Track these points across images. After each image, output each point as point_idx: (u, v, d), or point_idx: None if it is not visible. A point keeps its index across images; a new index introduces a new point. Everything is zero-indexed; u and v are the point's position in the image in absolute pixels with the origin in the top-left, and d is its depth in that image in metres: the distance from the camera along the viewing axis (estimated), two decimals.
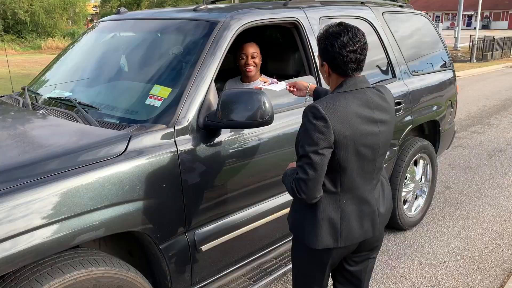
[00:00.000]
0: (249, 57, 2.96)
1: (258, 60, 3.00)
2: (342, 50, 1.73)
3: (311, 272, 2.00)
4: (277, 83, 2.52)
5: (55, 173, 1.77)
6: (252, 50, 2.97)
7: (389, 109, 1.87)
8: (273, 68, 3.39)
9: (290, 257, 2.77)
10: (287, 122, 2.64)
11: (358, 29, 1.78)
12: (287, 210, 2.67)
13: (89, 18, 35.78)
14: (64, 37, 27.07)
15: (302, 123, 1.76)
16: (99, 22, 3.35)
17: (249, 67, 2.97)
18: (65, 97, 2.61)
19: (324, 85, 2.75)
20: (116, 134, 2.06)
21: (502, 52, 21.17)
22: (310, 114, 1.71)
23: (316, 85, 2.47)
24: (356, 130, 1.74)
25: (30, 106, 2.60)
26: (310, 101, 2.36)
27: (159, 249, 2.10)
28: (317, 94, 2.33)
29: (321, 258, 1.92)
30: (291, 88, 2.42)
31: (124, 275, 1.92)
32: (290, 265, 2.75)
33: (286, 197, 2.70)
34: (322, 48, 1.80)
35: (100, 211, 1.85)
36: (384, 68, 3.53)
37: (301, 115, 1.77)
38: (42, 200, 1.70)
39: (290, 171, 1.87)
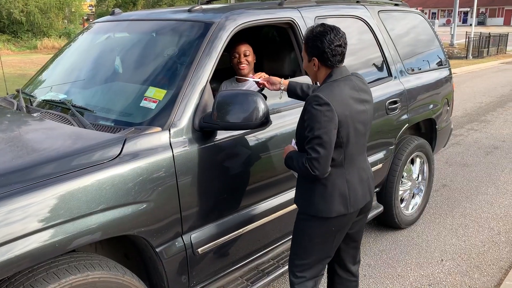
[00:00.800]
0: (242, 55, 2.98)
1: (251, 59, 3.01)
2: (331, 45, 2.05)
3: (321, 242, 2.21)
4: (253, 77, 2.60)
5: (50, 178, 1.76)
6: (244, 48, 2.99)
7: (369, 91, 2.22)
8: (269, 68, 3.37)
9: (288, 257, 2.80)
10: (284, 122, 2.63)
11: (338, 27, 2.12)
12: (284, 211, 2.70)
13: (85, 18, 35.65)
14: (60, 37, 26.96)
15: (307, 111, 2.01)
16: (94, 23, 3.33)
17: (241, 65, 3.00)
18: (60, 100, 2.59)
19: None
20: (110, 137, 2.04)
21: (498, 49, 21.21)
22: (315, 102, 1.98)
23: (290, 81, 2.56)
24: (352, 110, 2.06)
25: (24, 109, 2.59)
26: (284, 95, 2.56)
27: (155, 252, 2.09)
28: (292, 88, 2.50)
29: (333, 226, 2.17)
30: (265, 83, 2.53)
31: (120, 279, 1.91)
32: (287, 266, 2.75)
33: (283, 198, 2.70)
34: (311, 46, 2.09)
35: (96, 215, 1.84)
36: (379, 67, 3.52)
37: (297, 116, 1.93)
38: (37, 204, 1.68)
39: (296, 154, 2.12)
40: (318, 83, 2.23)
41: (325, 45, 2.05)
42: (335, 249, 2.29)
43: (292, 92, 2.49)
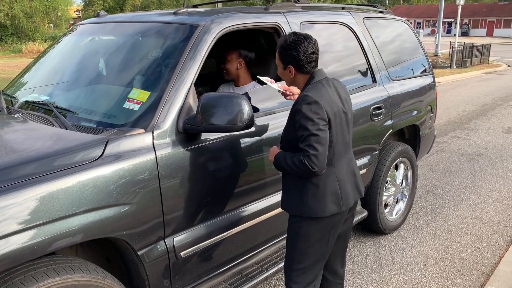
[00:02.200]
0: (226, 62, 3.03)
1: (229, 66, 3.08)
2: (306, 53, 2.12)
3: (317, 242, 2.23)
4: (273, 83, 2.57)
5: (29, 178, 1.73)
6: (227, 55, 3.06)
7: (346, 89, 2.30)
8: (256, 72, 3.37)
9: (272, 262, 2.79)
10: (269, 125, 2.63)
11: (310, 35, 2.19)
12: (269, 214, 2.69)
13: (72, 22, 35.40)
14: (45, 41, 26.71)
15: (298, 111, 2.05)
16: (79, 25, 3.30)
17: (224, 71, 3.09)
18: (42, 101, 2.55)
19: None
20: (92, 139, 2.02)
21: (481, 59, 21.57)
22: (305, 101, 2.04)
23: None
24: (337, 108, 2.13)
25: (5, 110, 2.54)
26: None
27: (137, 255, 2.06)
28: None
29: (327, 225, 2.20)
30: (287, 92, 2.51)
31: (100, 282, 1.88)
32: (272, 270, 2.74)
33: (268, 201, 2.69)
34: (286, 54, 2.15)
35: (77, 216, 1.81)
36: (364, 73, 3.55)
37: (284, 119, 2.08)
38: (16, 205, 1.65)
39: (288, 154, 2.13)
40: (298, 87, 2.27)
41: (300, 54, 2.12)
42: (330, 249, 2.31)
43: None
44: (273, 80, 2.62)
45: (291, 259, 2.29)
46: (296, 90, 2.51)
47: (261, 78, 2.56)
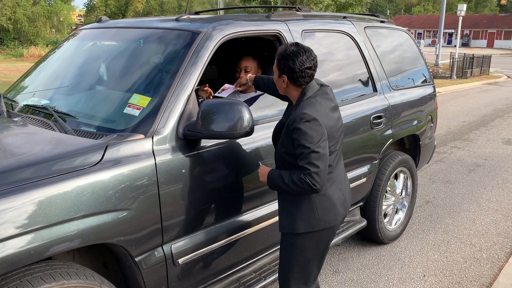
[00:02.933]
0: (242, 71, 3.00)
1: (252, 74, 3.01)
2: (302, 66, 2.09)
3: (317, 254, 2.28)
4: (227, 88, 2.72)
5: (28, 182, 1.72)
6: (246, 63, 3.00)
7: (335, 96, 2.32)
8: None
9: (270, 270, 2.77)
10: (269, 133, 2.62)
11: (311, 49, 2.16)
12: (268, 222, 2.67)
13: (74, 27, 35.55)
14: (47, 46, 26.80)
15: (296, 129, 2.03)
16: (80, 30, 3.31)
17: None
18: (42, 105, 2.55)
19: None
20: (92, 143, 2.01)
21: (481, 70, 21.63)
22: (303, 119, 2.03)
23: (256, 76, 2.69)
24: (333, 120, 2.17)
25: (5, 113, 2.54)
26: (238, 95, 2.83)
27: (135, 261, 2.05)
28: (259, 80, 2.60)
29: (331, 232, 2.26)
30: (238, 88, 2.71)
31: None
32: (270, 279, 2.72)
33: (267, 209, 2.68)
34: (283, 63, 2.13)
35: (75, 221, 1.79)
36: (365, 82, 3.55)
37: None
38: (14, 210, 1.64)
39: (284, 172, 2.12)
40: (289, 97, 2.30)
41: (296, 66, 2.09)
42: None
43: (259, 85, 2.62)
44: (226, 85, 2.75)
45: (289, 270, 2.31)
46: (243, 80, 2.71)
47: (217, 94, 2.72)
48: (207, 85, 2.81)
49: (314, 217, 2.16)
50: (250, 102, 2.86)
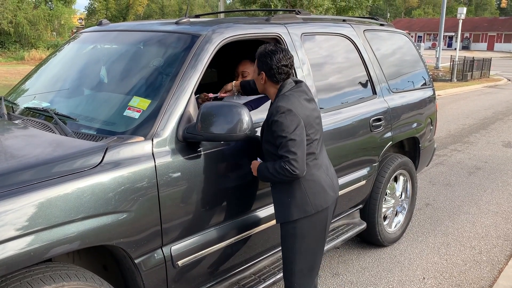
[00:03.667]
0: (240, 76, 3.02)
1: (250, 78, 3.02)
2: (278, 63, 2.27)
3: (317, 241, 2.39)
4: (211, 96, 2.79)
5: (28, 184, 1.73)
6: (243, 68, 3.02)
7: (310, 90, 2.45)
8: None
9: (270, 272, 2.77)
10: None
11: (288, 49, 2.39)
12: (268, 224, 2.68)
13: (74, 30, 35.63)
14: (48, 49, 26.86)
15: (273, 122, 2.19)
16: (81, 33, 3.32)
17: None
18: (42, 108, 2.56)
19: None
20: (92, 146, 2.02)
21: (481, 73, 21.64)
22: (279, 112, 2.18)
23: (240, 81, 2.77)
24: (309, 110, 2.30)
25: (5, 116, 2.55)
26: (239, 97, 2.87)
27: (134, 263, 2.05)
28: (246, 84, 2.70)
29: (325, 215, 2.36)
30: (222, 94, 2.77)
31: None
32: (270, 281, 2.72)
33: (267, 211, 2.69)
34: (262, 61, 2.30)
35: (74, 223, 1.80)
36: (364, 85, 3.56)
37: None
38: (14, 211, 1.65)
39: (269, 163, 2.26)
40: (267, 95, 2.44)
41: (274, 63, 2.26)
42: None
43: (246, 89, 2.71)
44: (210, 94, 2.83)
45: (292, 262, 2.37)
46: (228, 86, 2.77)
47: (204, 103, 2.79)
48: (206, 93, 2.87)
49: (305, 202, 2.29)
50: (258, 103, 2.87)
